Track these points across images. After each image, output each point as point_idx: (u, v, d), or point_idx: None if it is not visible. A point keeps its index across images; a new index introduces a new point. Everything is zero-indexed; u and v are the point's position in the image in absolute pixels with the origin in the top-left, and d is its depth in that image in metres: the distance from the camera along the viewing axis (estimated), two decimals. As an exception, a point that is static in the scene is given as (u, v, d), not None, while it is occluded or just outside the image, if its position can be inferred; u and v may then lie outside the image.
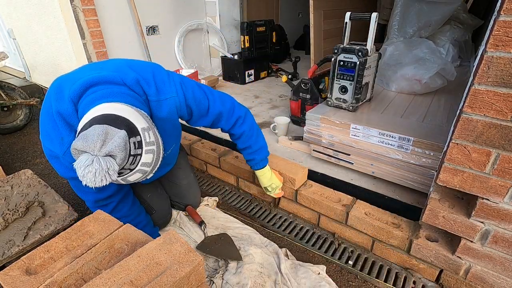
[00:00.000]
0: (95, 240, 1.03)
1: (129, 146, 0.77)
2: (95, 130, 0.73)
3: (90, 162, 0.71)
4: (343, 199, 1.32)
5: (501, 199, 0.86)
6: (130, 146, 0.77)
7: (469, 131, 0.85)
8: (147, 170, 0.86)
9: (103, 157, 0.73)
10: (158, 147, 0.88)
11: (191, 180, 1.50)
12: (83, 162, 0.72)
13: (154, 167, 0.89)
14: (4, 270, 0.91)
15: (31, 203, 1.21)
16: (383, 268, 1.20)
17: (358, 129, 1.33)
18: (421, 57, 1.78)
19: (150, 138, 0.84)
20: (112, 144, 0.73)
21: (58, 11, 2.17)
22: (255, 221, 1.49)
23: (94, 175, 0.72)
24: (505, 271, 0.96)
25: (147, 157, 0.83)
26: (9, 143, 2.36)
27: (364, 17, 1.35)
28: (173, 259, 0.89)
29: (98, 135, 0.72)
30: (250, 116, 1.33)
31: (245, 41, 3.03)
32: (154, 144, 0.85)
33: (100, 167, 0.72)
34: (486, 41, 0.77)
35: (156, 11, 2.78)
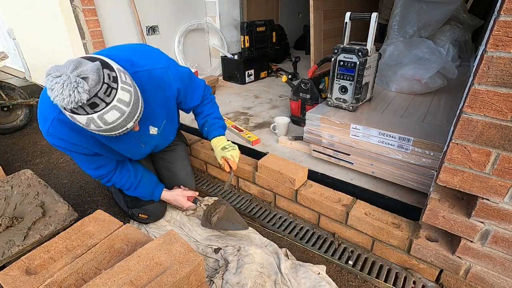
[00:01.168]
0: (95, 240, 1.03)
1: (103, 74, 0.79)
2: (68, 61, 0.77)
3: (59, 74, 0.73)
4: (343, 199, 1.32)
5: (501, 199, 0.86)
6: (103, 74, 0.79)
7: (469, 131, 0.85)
8: (125, 110, 0.86)
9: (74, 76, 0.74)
10: (136, 93, 0.90)
11: (189, 172, 1.55)
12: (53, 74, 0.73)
13: (134, 113, 0.90)
14: (4, 270, 0.91)
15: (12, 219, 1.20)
16: (383, 268, 1.20)
17: (358, 129, 1.33)
18: (421, 57, 1.78)
19: (127, 80, 0.86)
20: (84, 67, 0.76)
21: (58, 11, 2.17)
22: (255, 221, 1.49)
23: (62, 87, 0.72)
24: (505, 271, 0.96)
25: (124, 95, 0.84)
26: (9, 143, 2.36)
27: (364, 17, 1.35)
28: (173, 259, 0.89)
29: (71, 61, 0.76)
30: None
31: (245, 41, 3.04)
32: (131, 87, 0.88)
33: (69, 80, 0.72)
34: (486, 41, 0.77)
35: (156, 11, 2.78)
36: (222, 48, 3.34)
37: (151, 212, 1.40)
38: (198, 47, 3.32)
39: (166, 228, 1.42)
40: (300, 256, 1.28)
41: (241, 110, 2.38)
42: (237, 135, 1.92)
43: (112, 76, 0.81)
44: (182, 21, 3.04)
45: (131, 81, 0.89)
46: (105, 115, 0.82)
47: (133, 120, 0.91)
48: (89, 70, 0.76)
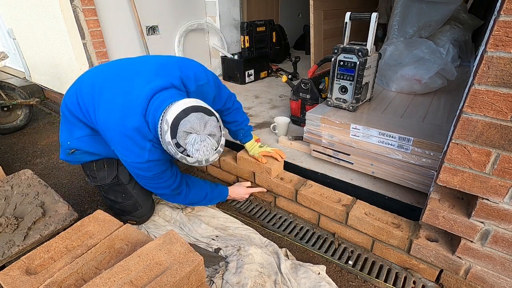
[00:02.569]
0: (95, 240, 1.03)
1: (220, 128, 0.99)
2: (195, 116, 0.94)
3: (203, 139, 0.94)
4: (343, 199, 1.32)
5: (501, 199, 0.86)
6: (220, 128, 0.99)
7: (469, 131, 0.85)
8: (222, 150, 1.04)
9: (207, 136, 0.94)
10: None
11: None
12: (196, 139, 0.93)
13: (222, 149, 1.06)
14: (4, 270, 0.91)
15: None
16: (383, 268, 1.20)
17: (358, 129, 1.33)
18: (421, 57, 1.78)
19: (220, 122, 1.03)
20: (210, 126, 0.95)
21: (58, 11, 2.17)
22: (255, 221, 1.49)
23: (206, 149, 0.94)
24: (505, 271, 0.96)
25: (224, 140, 1.03)
26: (9, 143, 2.36)
27: (364, 17, 1.35)
28: (173, 259, 0.89)
29: (200, 119, 0.93)
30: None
31: (245, 41, 3.04)
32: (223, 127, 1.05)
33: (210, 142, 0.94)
34: (486, 41, 0.77)
35: (156, 11, 2.78)
36: (222, 48, 3.34)
37: (139, 219, 1.43)
38: (198, 47, 3.32)
39: (166, 228, 1.42)
40: (300, 256, 1.28)
41: (241, 110, 2.38)
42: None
43: (219, 126, 1.00)
44: (182, 21, 3.04)
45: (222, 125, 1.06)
46: (211, 157, 1.00)
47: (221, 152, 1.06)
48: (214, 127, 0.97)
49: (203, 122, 0.94)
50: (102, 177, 1.35)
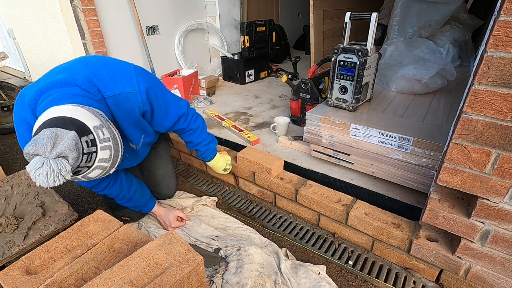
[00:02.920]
0: (95, 240, 1.03)
1: (81, 145, 0.78)
2: (44, 133, 0.74)
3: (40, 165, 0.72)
4: (343, 199, 1.32)
5: (501, 199, 0.86)
6: (82, 145, 0.78)
7: (469, 131, 0.85)
8: (107, 165, 0.87)
9: (54, 159, 0.73)
10: (116, 142, 0.89)
11: (168, 171, 1.53)
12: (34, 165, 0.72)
13: (115, 162, 0.90)
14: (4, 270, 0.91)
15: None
16: (383, 268, 1.20)
17: (358, 129, 1.33)
18: (421, 57, 1.78)
19: (105, 135, 0.84)
20: (62, 145, 0.74)
21: (58, 11, 2.17)
22: (255, 221, 1.49)
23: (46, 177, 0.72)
24: (505, 271, 0.96)
25: (104, 153, 0.84)
26: (9, 143, 2.36)
27: (364, 17, 1.35)
28: (173, 259, 0.89)
29: (48, 138, 0.73)
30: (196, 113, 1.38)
31: (245, 41, 3.04)
32: (110, 140, 0.86)
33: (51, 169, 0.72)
34: (486, 41, 0.77)
35: (156, 11, 2.78)
36: (222, 48, 3.34)
37: (133, 215, 1.43)
38: (198, 47, 3.32)
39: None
40: (300, 256, 1.28)
41: (241, 110, 2.38)
42: (237, 135, 1.92)
43: (90, 140, 0.80)
44: (182, 21, 3.04)
45: (109, 131, 0.87)
46: (88, 174, 0.84)
47: (115, 166, 0.92)
48: (67, 146, 0.75)
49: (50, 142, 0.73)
50: None
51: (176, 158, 2.04)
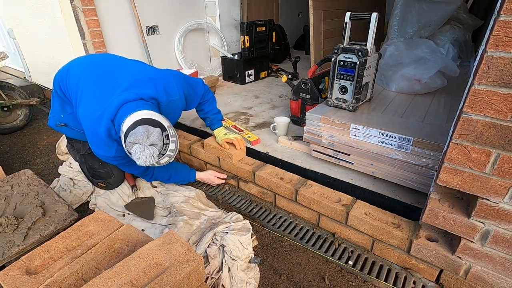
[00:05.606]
0: (95, 240, 1.03)
1: (163, 137, 1.14)
2: (140, 129, 1.10)
3: (142, 150, 1.10)
4: (343, 199, 1.32)
5: (501, 199, 0.86)
6: (163, 138, 1.14)
7: (469, 131, 0.85)
8: (172, 154, 1.20)
9: (148, 146, 1.10)
10: (177, 138, 1.23)
11: None
12: (138, 150, 1.10)
13: (176, 152, 1.22)
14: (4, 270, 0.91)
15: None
16: (383, 268, 1.20)
17: (358, 129, 1.33)
18: (421, 57, 1.78)
19: (172, 132, 1.20)
20: (153, 137, 1.11)
21: (58, 11, 2.17)
22: (255, 221, 1.49)
23: (146, 157, 1.11)
24: (505, 271, 0.96)
25: (172, 146, 1.19)
26: (9, 143, 2.36)
27: (364, 17, 1.35)
28: (173, 259, 0.89)
29: (143, 132, 1.10)
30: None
31: (245, 41, 3.03)
32: (175, 136, 1.22)
33: (149, 151, 1.10)
34: (486, 41, 0.77)
35: (156, 11, 2.78)
36: (222, 48, 3.34)
37: (110, 185, 1.64)
38: (198, 47, 3.32)
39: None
40: (300, 256, 1.28)
41: (241, 110, 2.38)
42: (237, 135, 1.92)
43: (165, 135, 1.15)
44: (182, 21, 3.04)
45: (174, 130, 1.22)
46: (160, 161, 1.17)
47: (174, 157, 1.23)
48: (156, 138, 1.12)
49: (146, 134, 1.10)
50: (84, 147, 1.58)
51: (176, 158, 2.04)
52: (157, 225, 1.44)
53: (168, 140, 1.16)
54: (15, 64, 3.61)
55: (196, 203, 1.53)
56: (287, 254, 1.29)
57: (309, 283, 1.16)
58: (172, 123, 1.44)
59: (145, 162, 1.11)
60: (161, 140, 1.12)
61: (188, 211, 1.47)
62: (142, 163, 1.12)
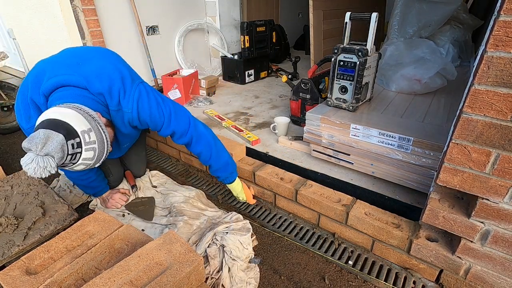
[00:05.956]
0: (95, 240, 1.03)
1: (67, 147, 0.93)
2: (39, 133, 0.90)
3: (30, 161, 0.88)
4: (343, 199, 1.32)
5: (501, 199, 0.86)
6: (68, 147, 0.94)
7: (469, 131, 0.85)
8: (90, 163, 1.03)
9: (42, 157, 0.89)
10: (102, 144, 1.05)
11: (142, 157, 1.78)
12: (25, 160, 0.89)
13: (98, 160, 1.06)
14: (4, 270, 0.91)
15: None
16: (383, 268, 1.20)
17: (358, 129, 1.33)
18: (421, 57, 1.78)
19: (91, 138, 1.00)
20: (50, 146, 0.89)
21: (58, 11, 2.17)
22: (255, 221, 1.49)
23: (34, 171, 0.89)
24: (505, 271, 0.96)
25: (88, 154, 1.00)
26: (9, 143, 2.36)
27: (364, 17, 1.35)
28: (173, 259, 0.89)
29: (40, 138, 0.89)
30: (207, 136, 1.38)
31: (245, 41, 3.03)
32: (96, 143, 1.02)
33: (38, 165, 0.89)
34: (486, 41, 0.77)
35: (156, 11, 2.78)
36: (222, 48, 3.34)
37: (110, 184, 1.61)
38: (198, 47, 3.32)
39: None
40: (300, 256, 1.28)
41: (241, 110, 2.38)
42: (237, 135, 1.92)
43: (76, 143, 0.96)
44: (182, 21, 3.04)
45: (96, 135, 1.02)
46: (74, 168, 1.01)
47: (99, 162, 1.08)
48: (54, 148, 0.90)
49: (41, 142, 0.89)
50: None
51: (176, 158, 2.04)
52: (157, 225, 1.43)
53: (80, 148, 0.96)
54: (15, 64, 3.60)
55: (196, 203, 1.53)
56: (287, 254, 1.29)
57: (309, 283, 1.16)
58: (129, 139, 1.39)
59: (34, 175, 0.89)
60: (61, 151, 0.91)
61: (188, 211, 1.47)
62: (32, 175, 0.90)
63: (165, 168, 1.96)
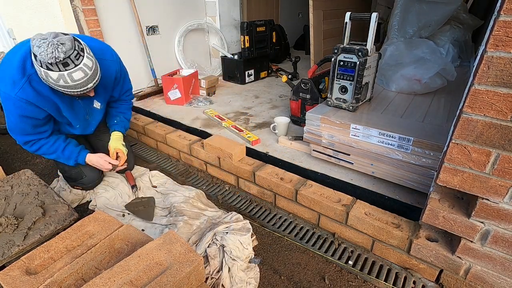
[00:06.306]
0: (95, 240, 1.03)
1: (75, 43, 1.09)
2: (49, 33, 1.06)
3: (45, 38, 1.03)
4: (343, 199, 1.32)
5: (501, 199, 0.86)
6: (75, 44, 1.09)
7: (469, 131, 0.85)
8: (89, 72, 1.15)
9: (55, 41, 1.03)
10: (96, 64, 1.20)
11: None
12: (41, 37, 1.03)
13: (94, 76, 1.18)
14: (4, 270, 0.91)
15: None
16: (383, 268, 1.20)
17: (358, 129, 1.33)
18: (421, 57, 1.78)
19: (90, 52, 1.16)
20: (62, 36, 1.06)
21: (58, 11, 2.17)
22: (255, 221, 1.49)
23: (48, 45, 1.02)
24: (505, 271, 0.96)
25: (88, 61, 1.14)
26: (9, 143, 2.36)
27: (364, 17, 1.35)
28: (173, 259, 0.89)
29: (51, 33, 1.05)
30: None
31: (245, 41, 3.03)
32: (93, 58, 1.18)
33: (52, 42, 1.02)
34: (486, 41, 0.77)
35: (156, 11, 2.78)
36: (222, 48, 3.34)
37: (85, 185, 1.64)
38: (198, 47, 3.32)
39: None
40: (300, 256, 1.28)
41: (241, 110, 2.38)
42: (237, 135, 1.92)
43: (80, 48, 1.11)
44: (182, 21, 3.04)
45: (93, 55, 1.18)
46: (73, 73, 1.10)
47: (93, 82, 1.19)
48: (65, 39, 1.06)
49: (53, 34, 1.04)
50: None
51: (176, 158, 2.04)
52: (157, 225, 1.43)
53: (83, 52, 1.11)
54: (15, 64, 3.60)
55: (196, 203, 1.53)
56: (287, 254, 1.29)
57: (309, 283, 1.16)
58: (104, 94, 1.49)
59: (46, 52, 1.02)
60: (70, 41, 1.06)
61: (188, 211, 1.47)
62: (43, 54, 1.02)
63: (165, 168, 1.96)
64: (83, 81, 1.14)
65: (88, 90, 1.20)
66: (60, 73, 1.08)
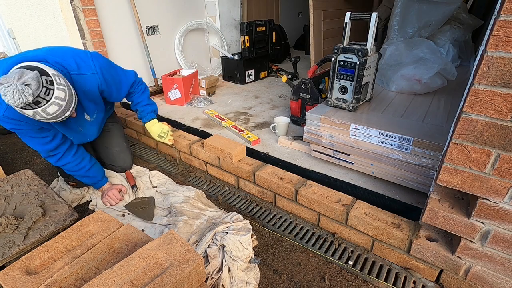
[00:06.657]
0: (95, 240, 1.03)
1: (41, 80, 1.05)
2: (14, 71, 1.03)
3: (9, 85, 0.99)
4: (343, 199, 1.32)
5: (501, 199, 0.86)
6: (42, 80, 1.05)
7: (469, 131, 0.85)
8: (62, 104, 1.13)
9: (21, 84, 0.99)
10: (70, 90, 1.17)
11: (123, 148, 1.81)
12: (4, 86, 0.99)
13: (69, 104, 1.16)
14: (4, 270, 0.91)
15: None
16: (383, 268, 1.20)
17: (358, 129, 1.33)
18: (421, 57, 1.78)
19: (61, 81, 1.12)
20: (27, 77, 1.01)
21: (58, 11, 2.17)
22: (255, 221, 1.49)
23: (13, 93, 0.98)
24: (505, 271, 0.96)
25: (60, 93, 1.11)
26: (9, 143, 2.36)
27: (364, 17, 1.35)
28: (173, 259, 0.89)
29: (16, 73, 1.01)
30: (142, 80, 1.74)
31: (245, 41, 3.03)
32: (65, 86, 1.14)
33: (17, 88, 0.99)
34: (486, 41, 0.77)
35: (156, 11, 2.78)
36: (222, 48, 3.34)
37: (80, 183, 1.62)
38: (198, 47, 3.32)
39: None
40: (300, 256, 1.28)
41: (241, 110, 2.38)
42: (237, 135, 1.92)
43: (49, 81, 1.08)
44: (182, 21, 3.04)
45: (65, 81, 1.15)
46: (47, 108, 1.09)
47: (69, 110, 1.18)
48: (31, 78, 1.01)
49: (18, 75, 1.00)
50: None
51: (176, 158, 2.04)
52: (157, 225, 1.43)
53: (52, 86, 1.07)
54: (15, 64, 3.60)
55: (196, 203, 1.53)
56: (287, 254, 1.29)
57: (309, 283, 1.16)
58: (94, 106, 1.47)
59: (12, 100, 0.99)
60: (36, 80, 1.02)
61: (188, 211, 1.47)
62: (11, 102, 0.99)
63: (165, 168, 1.96)
64: (58, 112, 1.13)
65: (67, 117, 1.19)
66: (34, 110, 1.07)
